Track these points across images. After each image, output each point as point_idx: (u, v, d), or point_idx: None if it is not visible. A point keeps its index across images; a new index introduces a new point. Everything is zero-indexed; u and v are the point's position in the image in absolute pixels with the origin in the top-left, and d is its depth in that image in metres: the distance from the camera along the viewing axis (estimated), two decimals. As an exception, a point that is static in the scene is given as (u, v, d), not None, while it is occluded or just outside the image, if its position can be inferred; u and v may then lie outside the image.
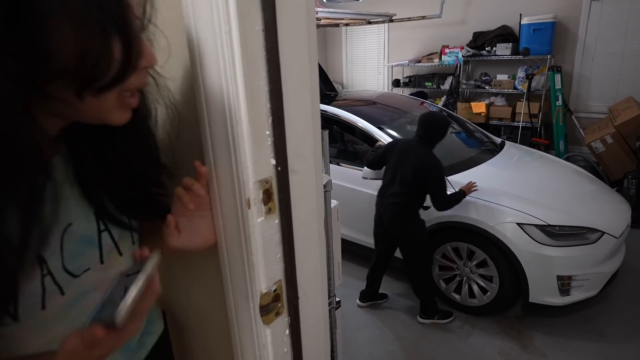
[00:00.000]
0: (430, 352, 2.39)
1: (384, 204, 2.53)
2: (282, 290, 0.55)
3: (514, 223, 2.41)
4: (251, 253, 0.52)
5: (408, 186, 2.40)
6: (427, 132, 2.42)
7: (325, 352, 0.65)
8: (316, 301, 0.61)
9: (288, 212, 0.53)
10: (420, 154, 2.40)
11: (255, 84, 0.49)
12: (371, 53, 6.45)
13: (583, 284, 2.42)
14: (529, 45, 4.62)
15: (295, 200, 0.54)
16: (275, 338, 0.56)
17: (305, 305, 0.58)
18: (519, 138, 4.73)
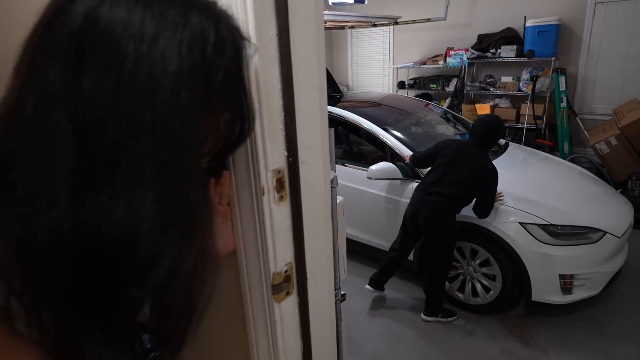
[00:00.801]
0: (433, 350, 2.43)
1: (424, 200, 2.47)
2: (292, 272, 0.60)
3: (516, 222, 2.44)
4: (265, 236, 0.57)
5: (459, 188, 2.39)
6: (488, 135, 2.44)
7: (331, 332, 0.70)
8: (323, 284, 0.66)
9: (298, 200, 0.58)
10: (479, 157, 2.42)
11: (270, 83, 0.54)
12: (376, 55, 6.50)
13: (585, 283, 2.45)
14: (533, 47, 4.65)
15: (304, 189, 0.59)
16: (285, 315, 0.61)
17: (313, 287, 0.63)
18: (523, 139, 4.75)
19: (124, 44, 0.39)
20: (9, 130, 0.41)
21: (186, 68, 0.41)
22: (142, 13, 0.40)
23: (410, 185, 2.83)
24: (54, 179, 0.38)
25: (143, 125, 0.39)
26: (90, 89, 0.38)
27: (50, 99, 0.39)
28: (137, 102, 0.39)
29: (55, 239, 0.38)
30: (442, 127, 3.82)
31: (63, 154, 0.38)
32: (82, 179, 0.39)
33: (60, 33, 0.39)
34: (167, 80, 0.40)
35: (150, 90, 0.39)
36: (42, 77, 0.39)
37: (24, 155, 0.39)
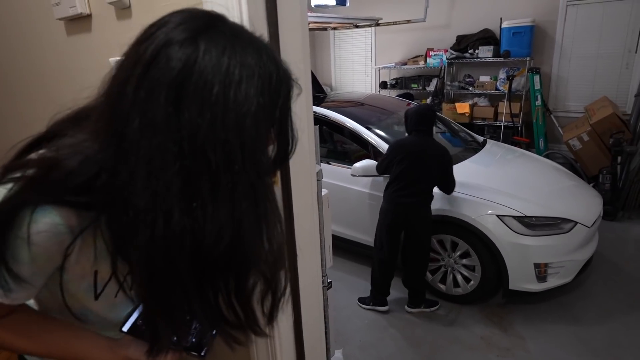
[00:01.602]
0: (417, 339, 2.53)
1: (409, 204, 2.54)
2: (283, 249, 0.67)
3: (493, 215, 2.56)
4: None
5: (432, 181, 2.56)
6: (427, 124, 2.58)
7: (319, 305, 0.77)
8: (311, 260, 0.73)
9: (288, 184, 0.65)
10: (435, 145, 2.58)
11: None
12: (359, 56, 6.61)
13: (558, 271, 2.58)
14: (509, 48, 4.82)
15: (294, 175, 0.66)
16: (278, 288, 0.68)
17: (303, 263, 0.70)
18: (501, 137, 4.92)
19: (215, 87, 0.48)
20: (111, 145, 0.50)
21: (261, 106, 0.51)
22: (228, 63, 0.49)
23: (393, 181, 2.92)
24: (168, 193, 0.48)
25: (235, 153, 0.49)
26: (190, 123, 0.47)
27: (154, 126, 0.47)
28: (230, 135, 0.48)
29: (175, 242, 0.49)
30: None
31: (173, 172, 0.48)
32: (189, 193, 0.48)
33: (162, 73, 0.48)
34: (250, 117, 0.49)
35: (239, 125, 0.49)
36: (147, 106, 0.48)
37: (137, 173, 0.48)
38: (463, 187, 2.74)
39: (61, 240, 0.55)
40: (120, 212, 0.50)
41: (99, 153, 0.52)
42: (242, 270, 0.55)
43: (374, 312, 2.79)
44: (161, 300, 0.53)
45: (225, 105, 0.48)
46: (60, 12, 1.01)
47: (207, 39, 0.49)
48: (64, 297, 0.62)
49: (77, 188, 0.53)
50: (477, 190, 2.71)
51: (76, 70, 0.89)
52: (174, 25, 0.51)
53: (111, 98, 0.52)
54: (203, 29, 0.50)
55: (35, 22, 1.15)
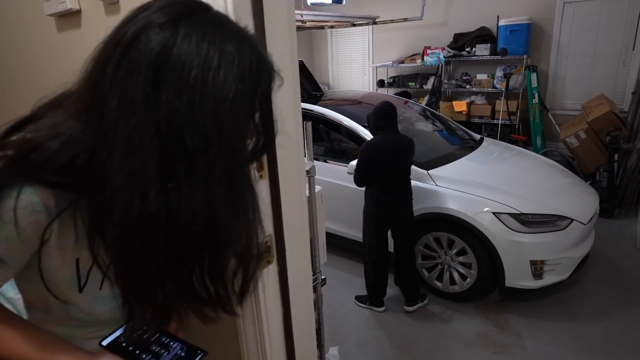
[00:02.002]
0: (413, 337, 2.53)
1: (392, 202, 2.56)
2: (272, 243, 0.67)
3: (490, 212, 2.56)
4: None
5: (408, 172, 2.61)
6: (389, 120, 2.59)
7: (309, 300, 0.77)
8: (300, 255, 0.73)
9: (276, 178, 0.65)
10: (402, 139, 2.60)
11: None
12: (356, 54, 6.61)
13: (555, 268, 2.59)
14: (506, 45, 4.82)
15: (281, 169, 0.66)
16: (266, 282, 0.68)
17: (292, 257, 0.70)
18: (498, 135, 4.92)
19: (194, 71, 0.48)
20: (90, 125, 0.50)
21: (240, 93, 0.51)
22: (207, 48, 0.49)
23: (389, 179, 2.92)
24: (145, 173, 0.48)
25: (212, 137, 0.50)
26: (168, 104, 0.48)
27: (133, 105, 0.48)
28: (207, 119, 0.49)
29: (150, 221, 0.50)
30: (421, 124, 3.94)
31: (150, 153, 0.48)
32: (165, 174, 0.49)
33: (141, 54, 0.48)
34: (227, 103, 0.50)
35: (217, 110, 0.50)
36: (126, 86, 0.48)
37: (115, 152, 0.48)
38: (459, 184, 2.74)
39: (37, 219, 0.55)
40: (98, 192, 0.50)
41: (80, 133, 0.52)
42: (215, 251, 0.56)
43: (371, 310, 2.79)
44: (135, 279, 0.54)
45: (203, 89, 0.49)
46: (51, 8, 1.00)
47: (187, 23, 0.50)
48: (45, 283, 0.61)
49: (57, 169, 0.53)
50: (473, 187, 2.71)
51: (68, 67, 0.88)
52: (156, 9, 0.51)
53: (92, 78, 0.53)
54: (184, 14, 0.51)
55: (26, 19, 1.15)
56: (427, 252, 2.85)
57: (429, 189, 2.78)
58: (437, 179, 2.81)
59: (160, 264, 0.53)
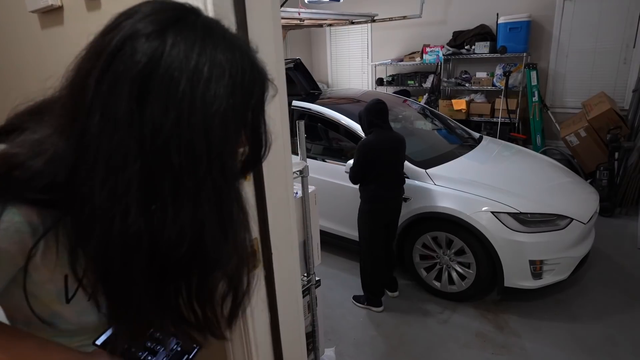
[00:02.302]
0: (411, 337, 2.50)
1: (394, 199, 2.62)
2: (258, 247, 0.64)
3: (488, 212, 2.54)
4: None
5: (402, 168, 2.64)
6: (382, 117, 2.58)
7: (297, 305, 0.75)
8: (288, 258, 0.71)
9: (261, 180, 0.62)
10: (395, 136, 2.60)
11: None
12: (355, 52, 6.58)
13: (554, 268, 2.56)
14: (505, 43, 4.79)
15: (267, 170, 0.63)
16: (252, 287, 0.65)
17: (278, 261, 0.68)
18: (498, 133, 4.89)
19: (182, 85, 0.45)
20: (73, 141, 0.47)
21: (231, 106, 0.48)
22: (197, 59, 0.46)
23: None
24: (127, 192, 0.46)
25: (201, 155, 0.47)
26: (153, 121, 0.45)
27: (116, 121, 0.45)
28: (195, 135, 0.46)
29: (130, 242, 0.47)
30: (420, 123, 3.92)
31: (133, 171, 0.45)
32: (149, 193, 0.46)
33: (126, 66, 0.45)
34: (218, 118, 0.47)
35: (206, 126, 0.46)
36: (109, 100, 0.45)
37: (96, 169, 0.46)
38: (458, 183, 2.72)
39: (21, 239, 0.52)
40: (80, 209, 0.48)
41: (63, 150, 0.50)
42: (203, 273, 0.53)
43: (369, 310, 2.77)
44: (116, 298, 0.52)
45: (192, 104, 0.46)
46: (33, 4, 0.98)
47: (175, 32, 0.47)
48: (29, 301, 0.59)
49: (41, 187, 0.50)
50: (471, 187, 2.69)
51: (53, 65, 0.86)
52: (142, 16, 0.48)
53: (74, 90, 0.50)
54: (172, 22, 0.48)
55: (11, 16, 1.12)
56: (425, 252, 2.82)
57: (427, 188, 2.75)
58: (435, 178, 2.78)
59: (142, 285, 0.51)
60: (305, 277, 1.31)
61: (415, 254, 2.85)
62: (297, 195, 1.24)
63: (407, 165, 2.87)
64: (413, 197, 2.77)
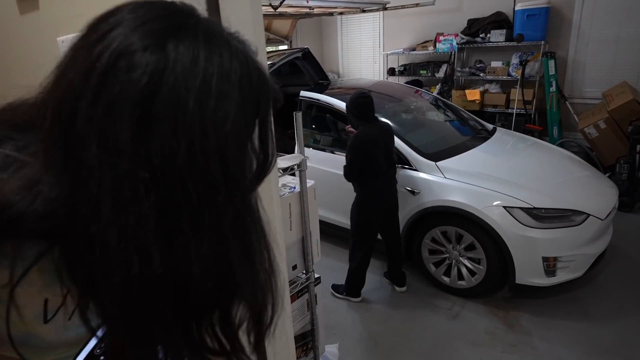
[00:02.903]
0: (418, 333, 2.45)
1: (393, 191, 2.63)
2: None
3: (500, 206, 2.45)
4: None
5: (394, 159, 2.62)
6: (370, 110, 2.53)
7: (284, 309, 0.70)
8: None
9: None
10: (384, 126, 2.61)
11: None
12: (366, 42, 6.45)
13: (569, 265, 2.47)
14: (523, 31, 4.62)
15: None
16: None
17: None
18: (513, 125, 4.75)
19: (190, 105, 0.39)
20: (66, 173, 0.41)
21: (244, 125, 0.43)
22: (204, 74, 0.40)
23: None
24: (143, 230, 0.40)
25: (218, 182, 0.42)
26: (163, 147, 0.39)
27: (118, 150, 0.39)
28: (211, 161, 0.41)
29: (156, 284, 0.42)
30: (432, 114, 3.82)
31: (148, 206, 0.40)
32: (167, 229, 0.41)
33: (123, 86, 0.38)
34: (232, 139, 0.42)
35: (221, 150, 0.41)
36: (106, 126, 0.39)
37: (102, 206, 0.40)
38: (469, 177, 2.63)
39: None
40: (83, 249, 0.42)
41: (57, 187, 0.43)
42: (230, 304, 0.49)
43: (375, 304, 2.72)
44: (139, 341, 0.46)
45: (204, 126, 0.40)
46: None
47: (176, 43, 0.40)
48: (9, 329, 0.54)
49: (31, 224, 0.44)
50: (483, 180, 2.60)
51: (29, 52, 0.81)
52: (134, 25, 0.41)
53: (61, 114, 0.42)
54: (171, 31, 0.41)
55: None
56: (434, 247, 2.75)
57: (436, 181, 2.67)
58: (445, 171, 2.70)
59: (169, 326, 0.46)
60: (303, 274, 1.27)
61: (424, 248, 2.79)
62: (295, 190, 1.19)
63: (417, 157, 2.80)
64: (422, 190, 2.70)
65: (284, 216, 1.12)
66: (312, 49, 4.03)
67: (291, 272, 1.23)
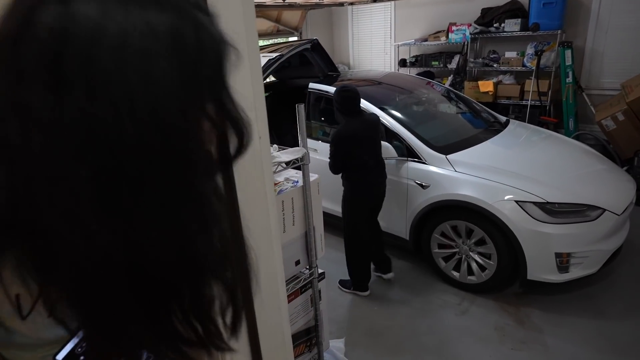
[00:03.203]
0: (426, 328, 2.42)
1: (381, 183, 2.62)
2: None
3: (512, 201, 2.39)
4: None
5: (380, 146, 2.61)
6: (355, 104, 2.50)
7: (279, 311, 0.68)
8: (267, 260, 0.64)
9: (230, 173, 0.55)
10: (368, 120, 2.58)
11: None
12: (378, 32, 6.35)
13: (582, 262, 2.40)
14: (538, 20, 4.49)
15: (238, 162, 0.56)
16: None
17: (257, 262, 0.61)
18: (527, 117, 4.64)
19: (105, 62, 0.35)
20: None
21: (181, 83, 0.38)
22: (120, 26, 0.36)
23: (405, 164, 2.78)
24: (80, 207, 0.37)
25: (155, 147, 0.38)
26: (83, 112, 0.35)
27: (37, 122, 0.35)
28: (144, 128, 0.37)
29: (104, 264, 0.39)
30: (444, 106, 3.74)
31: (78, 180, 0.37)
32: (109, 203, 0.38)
33: (30, 47, 0.35)
34: (166, 100, 0.37)
35: (154, 114, 0.37)
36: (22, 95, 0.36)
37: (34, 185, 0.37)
38: (480, 170, 2.57)
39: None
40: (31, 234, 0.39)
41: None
42: (195, 284, 0.46)
43: (384, 298, 2.70)
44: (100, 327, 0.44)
45: (128, 88, 0.36)
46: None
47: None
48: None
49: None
50: (495, 174, 2.54)
51: None
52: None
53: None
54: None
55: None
56: (443, 241, 2.71)
57: (446, 175, 2.62)
58: (456, 164, 2.65)
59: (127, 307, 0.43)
60: (307, 269, 1.24)
61: (433, 242, 2.75)
62: (298, 184, 1.17)
63: (426, 150, 2.74)
64: (432, 184, 2.65)
65: (287, 211, 1.10)
66: (322, 40, 3.97)
67: (294, 268, 1.21)
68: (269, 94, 4.48)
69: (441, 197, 2.61)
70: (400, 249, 3.04)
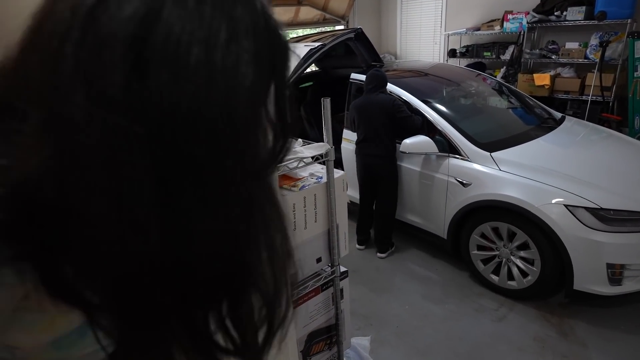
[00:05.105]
0: (459, 333, 2.33)
1: (373, 155, 2.87)
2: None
3: (561, 205, 2.23)
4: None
5: (387, 129, 2.81)
6: (374, 82, 2.88)
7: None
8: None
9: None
10: (380, 98, 2.83)
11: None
12: (427, 21, 6.11)
13: (638, 275, 2.21)
14: (606, 8, 4.11)
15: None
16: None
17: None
18: (586, 113, 4.29)
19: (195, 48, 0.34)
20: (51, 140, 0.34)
21: (257, 78, 0.37)
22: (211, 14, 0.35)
23: (446, 160, 2.67)
24: (139, 200, 0.34)
25: (226, 142, 0.36)
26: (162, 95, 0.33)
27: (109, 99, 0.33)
28: (219, 116, 0.35)
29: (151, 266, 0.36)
30: (493, 100, 3.55)
31: (143, 169, 0.34)
32: (166, 198, 0.35)
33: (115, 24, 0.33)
34: (243, 92, 0.36)
35: (230, 104, 0.35)
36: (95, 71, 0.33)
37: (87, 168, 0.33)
38: (527, 170, 2.42)
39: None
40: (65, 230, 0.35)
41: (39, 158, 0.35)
42: (240, 292, 0.43)
43: (416, 296, 2.63)
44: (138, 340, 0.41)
45: (211, 74, 0.34)
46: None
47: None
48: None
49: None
50: (543, 175, 2.37)
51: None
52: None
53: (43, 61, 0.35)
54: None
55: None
56: (483, 243, 2.59)
57: (489, 173, 2.49)
58: (501, 163, 2.50)
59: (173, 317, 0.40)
60: (329, 267, 1.22)
61: (472, 244, 2.63)
62: (322, 180, 1.14)
63: (469, 146, 2.62)
64: (473, 182, 2.53)
65: (309, 207, 1.08)
66: (369, 29, 3.88)
67: (315, 265, 1.20)
68: (311, 83, 4.46)
69: (483, 196, 2.48)
70: (436, 248, 2.95)
